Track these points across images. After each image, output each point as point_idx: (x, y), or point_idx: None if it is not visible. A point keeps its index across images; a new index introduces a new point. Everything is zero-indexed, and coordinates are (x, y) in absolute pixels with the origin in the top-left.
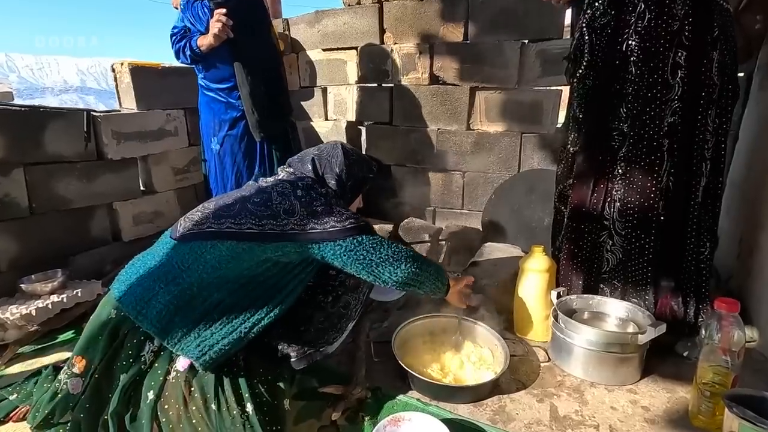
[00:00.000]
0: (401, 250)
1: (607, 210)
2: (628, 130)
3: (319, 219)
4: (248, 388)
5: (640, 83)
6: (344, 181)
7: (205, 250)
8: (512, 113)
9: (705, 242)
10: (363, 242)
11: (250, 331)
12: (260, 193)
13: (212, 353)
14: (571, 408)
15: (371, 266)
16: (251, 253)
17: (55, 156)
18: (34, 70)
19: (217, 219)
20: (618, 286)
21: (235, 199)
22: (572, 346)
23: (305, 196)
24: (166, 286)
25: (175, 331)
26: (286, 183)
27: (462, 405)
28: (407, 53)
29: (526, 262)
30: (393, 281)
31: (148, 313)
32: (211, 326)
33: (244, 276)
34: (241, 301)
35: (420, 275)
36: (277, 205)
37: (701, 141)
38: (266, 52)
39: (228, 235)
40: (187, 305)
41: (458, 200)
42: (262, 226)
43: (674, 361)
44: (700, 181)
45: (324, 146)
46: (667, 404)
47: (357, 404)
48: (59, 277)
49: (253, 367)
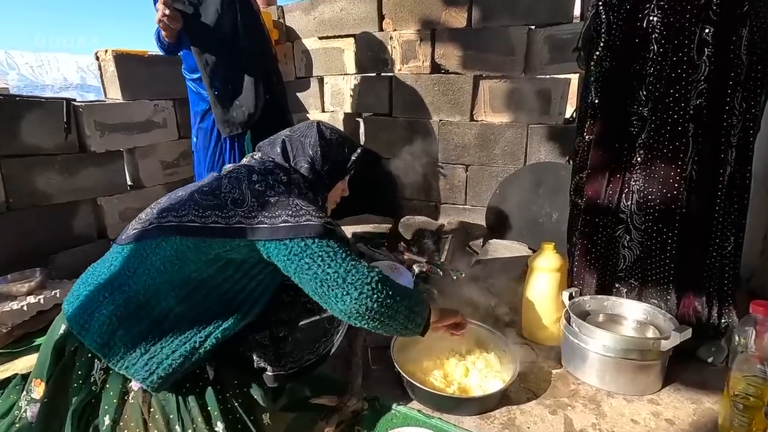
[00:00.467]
0: (362, 272)
1: (624, 202)
2: (649, 114)
3: (270, 211)
4: (217, 404)
5: (662, 63)
6: (319, 165)
7: (150, 251)
8: (518, 103)
9: (729, 236)
10: (311, 247)
11: (205, 341)
12: (212, 180)
13: (161, 371)
14: (587, 421)
15: (316, 281)
16: (197, 251)
17: (33, 148)
18: (34, 67)
19: (160, 213)
20: (635, 286)
21: (187, 189)
22: (587, 352)
23: (260, 183)
24: (110, 295)
25: (117, 347)
26: (242, 168)
27: (468, 417)
28: (407, 40)
29: (535, 260)
30: (340, 310)
31: (91, 326)
32: (160, 340)
33: (193, 279)
34: (192, 311)
35: (380, 312)
36: (226, 194)
37: (728, 126)
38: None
39: (170, 230)
40: (132, 316)
41: (461, 195)
42: (205, 218)
43: (697, 368)
44: (726, 170)
45: (298, 126)
46: (693, 417)
47: (352, 417)
48: (37, 276)
49: (224, 379)
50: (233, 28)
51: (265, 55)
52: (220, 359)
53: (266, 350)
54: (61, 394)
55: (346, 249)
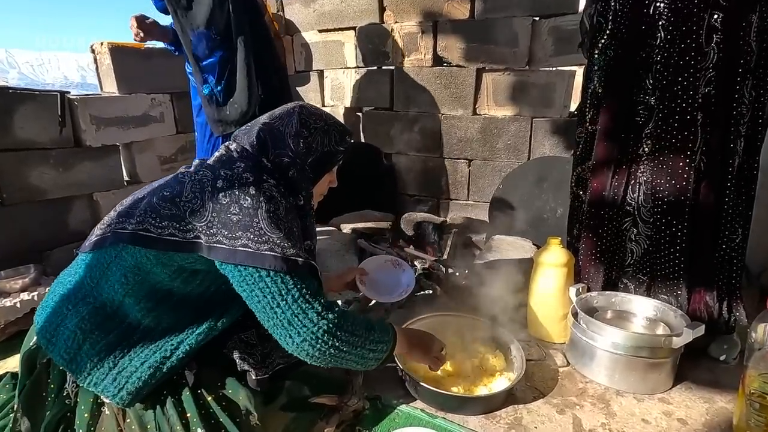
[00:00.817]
0: (310, 319)
1: (630, 195)
2: (656, 104)
3: (230, 231)
4: (197, 409)
5: (670, 50)
6: (302, 158)
7: (111, 261)
8: (522, 96)
9: (737, 228)
10: (264, 280)
11: (177, 348)
12: (174, 183)
13: (130, 386)
14: (596, 420)
15: (263, 315)
16: (158, 262)
17: (27, 142)
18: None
19: (119, 218)
20: (644, 281)
21: (150, 190)
22: (595, 350)
23: (225, 193)
24: (74, 307)
25: (83, 362)
26: (208, 170)
27: (473, 417)
28: (409, 33)
29: (541, 255)
30: (289, 348)
31: (58, 341)
32: (129, 352)
33: (159, 290)
34: (163, 321)
35: (324, 358)
36: (186, 203)
37: (737, 115)
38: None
39: (125, 238)
40: (99, 329)
41: (463, 190)
42: (161, 229)
43: (709, 366)
44: (735, 160)
45: (278, 111)
46: (706, 416)
47: (353, 417)
48: (31, 273)
49: (205, 382)
50: (227, 24)
51: (264, 51)
52: (202, 363)
53: (253, 349)
54: (40, 408)
55: (303, 287)
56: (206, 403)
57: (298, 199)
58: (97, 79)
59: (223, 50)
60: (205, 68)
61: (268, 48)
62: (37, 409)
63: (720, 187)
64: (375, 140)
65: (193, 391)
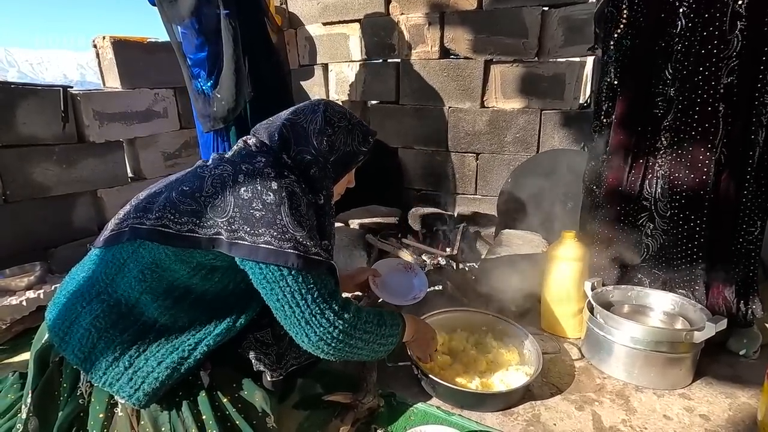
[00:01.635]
0: (328, 319)
1: (647, 189)
2: (676, 95)
3: (253, 227)
4: (212, 411)
5: (691, 38)
6: (324, 155)
7: (128, 257)
8: (531, 88)
9: (756, 221)
10: (285, 278)
11: (194, 349)
12: (194, 177)
13: (146, 386)
14: (617, 417)
15: (281, 313)
16: (177, 259)
17: (30, 138)
18: (34, 64)
19: (137, 213)
20: (659, 276)
21: (167, 184)
22: (613, 345)
23: (246, 188)
24: (88, 305)
25: (99, 361)
26: (228, 164)
27: (490, 414)
28: (415, 24)
29: (555, 249)
30: (304, 345)
31: (71, 339)
32: (145, 351)
33: (177, 288)
34: (180, 320)
35: (339, 354)
36: (207, 197)
37: (760, 105)
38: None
39: (142, 234)
40: (114, 327)
41: (471, 185)
42: (180, 225)
43: (729, 361)
44: (756, 151)
45: (302, 107)
46: (729, 412)
47: (368, 414)
48: (37, 271)
49: (220, 384)
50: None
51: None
52: (217, 362)
53: (268, 349)
54: (52, 408)
55: (323, 287)
56: (222, 405)
57: (318, 197)
58: (100, 74)
59: (214, 46)
60: (195, 63)
61: (263, 45)
62: (50, 408)
63: (740, 180)
64: (381, 134)
65: (209, 392)
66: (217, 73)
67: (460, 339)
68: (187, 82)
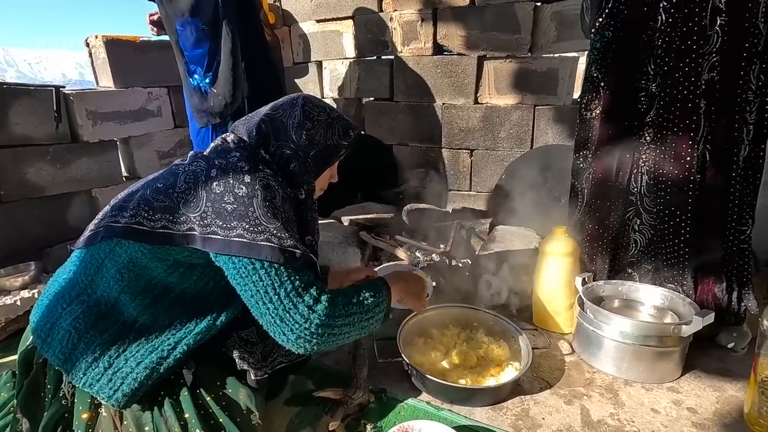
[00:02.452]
0: (302, 313)
1: (633, 184)
2: (658, 90)
3: (225, 221)
4: (195, 410)
5: (672, 34)
6: (303, 149)
7: (105, 256)
8: (524, 84)
9: (747, 219)
10: (258, 272)
11: (174, 348)
12: (168, 174)
13: (125, 387)
14: (605, 411)
15: (256, 311)
16: (153, 257)
17: (23, 138)
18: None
19: (113, 212)
20: (649, 270)
21: (144, 183)
22: (602, 339)
23: (219, 182)
24: (69, 306)
25: (79, 362)
26: (202, 160)
27: (479, 408)
28: (408, 21)
29: (546, 244)
30: (286, 344)
31: (53, 340)
32: (125, 352)
33: (155, 286)
34: (159, 319)
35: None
36: (180, 194)
37: (743, 102)
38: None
39: (117, 232)
40: (93, 328)
41: (465, 181)
42: (154, 222)
43: (718, 355)
44: (741, 149)
45: (281, 102)
46: (716, 405)
47: (358, 410)
48: (31, 270)
49: (203, 382)
50: (215, 15)
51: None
52: (200, 362)
53: (253, 348)
54: (38, 408)
55: (297, 280)
56: (205, 403)
57: (299, 192)
58: (93, 74)
59: (212, 42)
60: (192, 59)
61: (258, 45)
62: (35, 409)
63: (726, 177)
64: (376, 131)
65: (192, 390)
66: (216, 68)
67: (451, 335)
68: (183, 78)
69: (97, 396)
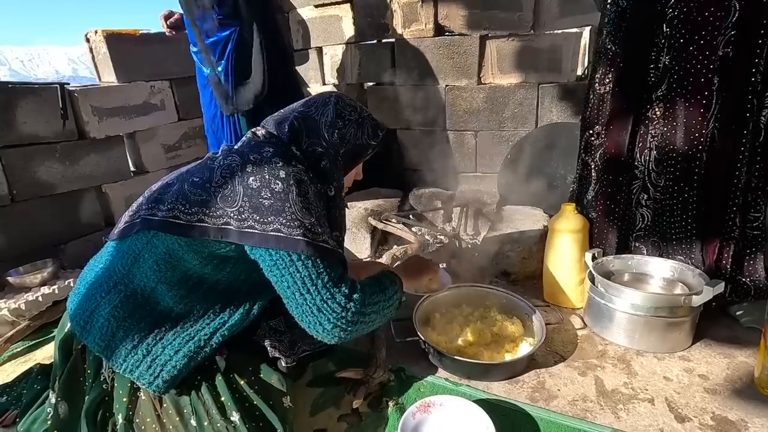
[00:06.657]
0: (339, 303)
1: (639, 159)
2: (670, 64)
3: (262, 216)
4: (230, 393)
5: (690, 3)
6: (334, 148)
7: (142, 248)
8: (528, 62)
9: (760, 204)
10: (295, 264)
11: (210, 338)
12: (204, 168)
13: (165, 374)
14: (618, 380)
15: (292, 302)
16: (189, 249)
17: (31, 137)
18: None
19: (149, 204)
20: (657, 243)
21: (178, 176)
22: (614, 312)
23: (255, 177)
24: (107, 295)
25: (118, 350)
26: (236, 155)
27: (496, 383)
28: (408, 2)
29: (556, 222)
30: (319, 335)
31: (92, 328)
32: (162, 340)
33: (190, 277)
34: (194, 309)
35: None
36: (216, 188)
37: (756, 82)
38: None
39: (154, 225)
40: (131, 317)
41: (471, 162)
42: (190, 216)
43: (727, 324)
44: (748, 129)
45: (313, 100)
46: (726, 371)
47: (379, 389)
48: (49, 267)
49: (236, 367)
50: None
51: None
52: (232, 349)
53: (282, 336)
54: (78, 392)
55: (332, 272)
56: (239, 387)
57: (329, 189)
58: (94, 69)
59: (228, 30)
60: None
61: (275, 35)
62: (76, 393)
63: (734, 156)
64: (379, 116)
65: (226, 375)
66: (230, 56)
67: (465, 314)
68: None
69: (138, 381)
